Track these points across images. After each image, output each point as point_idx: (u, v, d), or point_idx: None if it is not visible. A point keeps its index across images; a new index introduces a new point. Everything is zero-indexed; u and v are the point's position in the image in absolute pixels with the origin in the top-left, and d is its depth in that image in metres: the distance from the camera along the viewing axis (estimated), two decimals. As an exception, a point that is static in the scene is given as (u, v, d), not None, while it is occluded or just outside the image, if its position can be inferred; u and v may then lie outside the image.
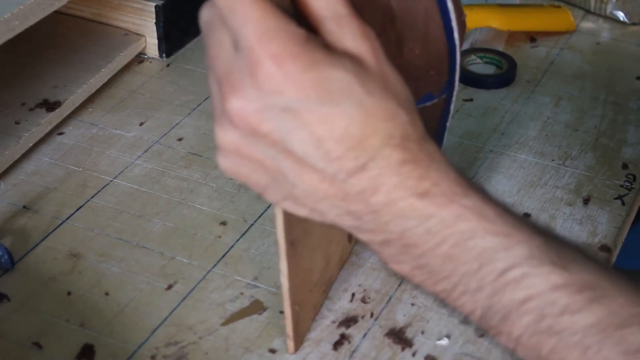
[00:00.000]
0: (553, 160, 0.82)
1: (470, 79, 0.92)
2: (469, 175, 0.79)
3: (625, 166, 0.82)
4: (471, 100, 0.90)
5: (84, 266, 0.70)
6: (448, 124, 0.68)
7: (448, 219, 0.46)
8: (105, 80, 0.89)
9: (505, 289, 0.46)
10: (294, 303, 0.61)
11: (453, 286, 0.47)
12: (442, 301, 0.49)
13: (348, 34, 0.46)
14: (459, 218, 0.46)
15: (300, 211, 0.49)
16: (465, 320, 0.49)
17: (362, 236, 0.49)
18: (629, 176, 0.81)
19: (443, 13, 0.61)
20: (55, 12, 0.79)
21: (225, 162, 0.49)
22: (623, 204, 0.77)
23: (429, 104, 0.64)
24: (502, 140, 0.85)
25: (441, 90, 0.64)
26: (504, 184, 0.79)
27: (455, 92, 0.65)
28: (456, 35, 0.62)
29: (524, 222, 0.47)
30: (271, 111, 0.45)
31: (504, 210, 0.47)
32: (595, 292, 0.45)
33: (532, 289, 0.45)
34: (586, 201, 0.78)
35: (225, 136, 0.47)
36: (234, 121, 0.46)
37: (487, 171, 0.81)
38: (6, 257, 0.69)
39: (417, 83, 0.62)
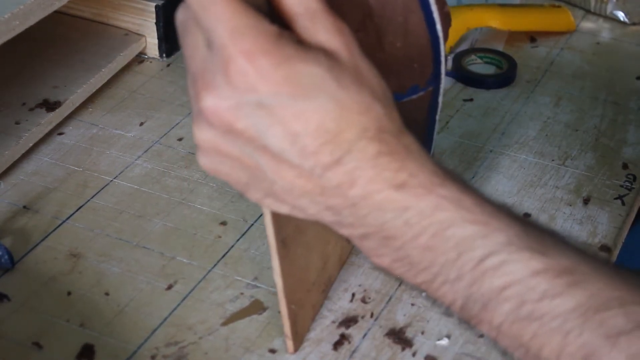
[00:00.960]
0: (553, 160, 0.82)
1: (470, 79, 0.92)
2: (468, 175, 0.79)
3: (625, 166, 0.82)
4: (471, 100, 0.90)
5: (84, 266, 0.70)
6: (437, 117, 0.68)
7: (426, 209, 0.46)
8: (106, 80, 0.89)
9: (484, 277, 0.46)
10: (290, 302, 0.61)
11: (433, 277, 0.48)
12: (424, 292, 0.49)
13: (321, 29, 0.46)
14: (436, 208, 0.46)
15: (282, 208, 0.50)
16: (448, 312, 0.49)
17: (343, 231, 0.49)
18: (629, 176, 0.81)
19: (423, 6, 0.61)
20: (56, 12, 0.79)
21: (205, 161, 0.49)
22: (623, 204, 0.77)
23: (414, 96, 0.64)
24: (502, 140, 0.85)
25: (427, 82, 0.64)
26: (504, 184, 0.79)
27: (442, 85, 0.65)
28: (439, 27, 0.62)
29: (502, 210, 0.47)
30: (245, 108, 0.45)
31: (482, 199, 0.47)
32: (575, 276, 0.45)
33: (511, 275, 0.45)
34: (586, 201, 0.78)
35: (203, 135, 0.47)
36: (209, 119, 0.46)
37: (487, 171, 0.81)
38: (6, 257, 0.69)
39: (401, 76, 0.62)
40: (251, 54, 0.44)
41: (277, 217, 0.56)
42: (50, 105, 0.83)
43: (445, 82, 0.66)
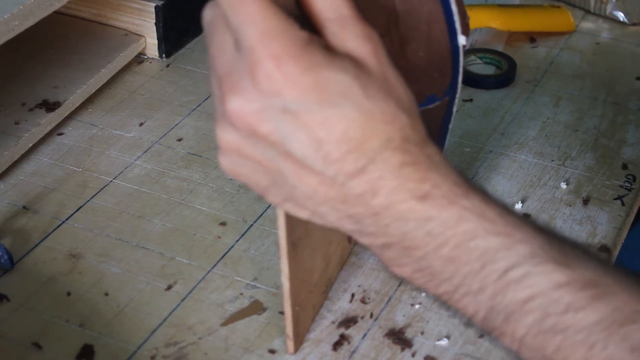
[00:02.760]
0: (553, 160, 0.82)
1: (470, 79, 0.92)
2: (468, 175, 0.79)
3: (625, 166, 0.82)
4: (471, 100, 0.90)
5: (84, 266, 0.70)
6: (450, 126, 0.68)
7: (449, 220, 0.46)
8: (105, 80, 0.89)
9: (508, 289, 0.46)
10: (294, 304, 0.61)
11: (455, 288, 0.47)
12: (444, 303, 0.49)
13: (350, 35, 0.46)
14: (460, 219, 0.46)
15: (301, 214, 0.49)
16: (469, 323, 0.49)
17: (363, 240, 0.49)
18: (628, 176, 0.81)
19: (447, 15, 0.61)
20: (55, 12, 0.79)
21: (226, 162, 0.49)
22: (623, 204, 0.77)
23: (431, 106, 0.64)
24: (502, 140, 0.85)
25: (444, 92, 0.64)
26: (504, 184, 0.79)
27: (458, 95, 0.65)
28: (460, 37, 0.62)
29: (525, 221, 0.47)
30: (271, 112, 0.45)
31: (505, 210, 0.47)
32: (598, 289, 0.45)
33: (534, 287, 0.45)
34: (586, 202, 0.78)
35: (226, 136, 0.47)
36: (233, 121, 0.46)
37: (486, 171, 0.81)
38: (6, 257, 0.69)
39: (420, 85, 0.62)
40: (279, 58, 0.43)
41: (290, 220, 0.56)
42: (50, 106, 0.83)
43: (460, 91, 0.66)
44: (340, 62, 0.45)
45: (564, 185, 0.79)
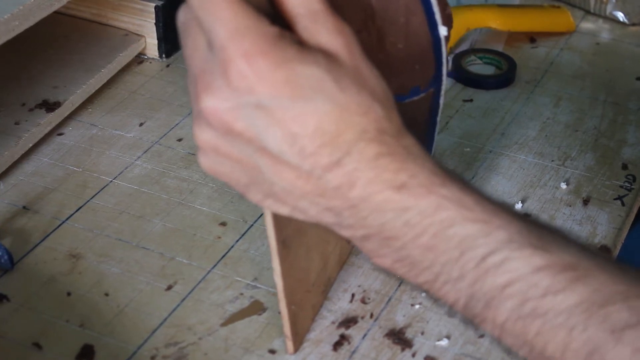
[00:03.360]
0: (553, 160, 0.82)
1: (470, 80, 0.92)
2: (468, 176, 0.79)
3: (625, 167, 0.82)
4: (471, 100, 0.90)
5: (84, 266, 0.70)
6: (438, 118, 0.68)
7: (427, 209, 0.46)
8: (105, 80, 0.89)
9: (487, 275, 0.46)
10: (290, 303, 0.61)
11: (435, 276, 0.48)
12: (426, 292, 0.49)
13: (322, 29, 0.46)
14: (437, 208, 0.46)
15: (282, 209, 0.50)
16: (451, 312, 0.49)
17: (344, 232, 0.49)
18: (628, 177, 0.81)
19: (426, 7, 0.61)
20: (55, 12, 0.79)
21: (205, 162, 0.49)
22: (623, 204, 0.77)
23: (416, 98, 0.64)
24: (502, 140, 0.85)
25: (428, 84, 0.64)
26: (504, 184, 0.79)
27: (443, 86, 0.65)
28: (440, 29, 0.62)
29: (503, 208, 0.47)
30: (244, 109, 0.45)
31: (483, 198, 0.47)
32: (577, 271, 0.45)
33: (513, 272, 0.45)
34: (586, 202, 0.78)
35: (203, 135, 0.48)
36: (209, 120, 0.46)
37: (486, 172, 0.81)
38: (6, 257, 0.69)
39: (402, 78, 0.62)
40: (250, 55, 0.44)
41: (277, 218, 0.56)
42: (50, 106, 0.83)
43: (445, 83, 0.66)
44: (312, 56, 0.45)
45: (564, 186, 0.79)
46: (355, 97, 0.45)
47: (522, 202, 0.77)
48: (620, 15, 1.04)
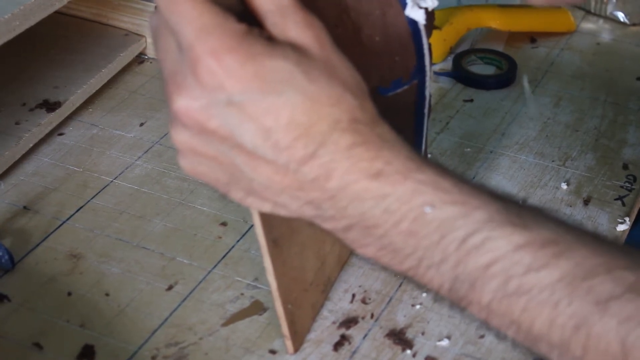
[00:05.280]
0: (553, 161, 0.82)
1: (471, 80, 0.92)
2: (469, 176, 0.79)
3: (625, 167, 0.82)
4: (471, 100, 0.90)
5: (84, 267, 0.70)
6: (426, 111, 0.67)
7: (404, 195, 0.46)
8: (106, 80, 0.89)
9: (469, 256, 0.46)
10: (285, 302, 0.61)
11: (418, 262, 0.47)
12: (410, 279, 0.49)
13: (291, 24, 0.46)
14: (415, 193, 0.46)
15: (264, 206, 0.50)
16: (437, 298, 0.49)
17: (326, 225, 0.49)
18: (629, 177, 0.81)
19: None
20: (56, 12, 0.79)
21: (185, 164, 0.50)
22: (623, 204, 0.78)
23: (399, 90, 0.64)
24: (502, 141, 0.85)
25: (410, 76, 0.64)
26: (504, 184, 0.79)
27: (428, 77, 0.65)
28: (416, 14, 0.61)
29: (481, 189, 0.47)
30: (216, 107, 0.45)
31: (460, 180, 0.47)
32: (559, 246, 0.45)
33: (494, 252, 0.45)
34: (586, 202, 0.78)
35: (179, 137, 0.48)
36: (183, 120, 0.47)
37: (487, 172, 0.81)
38: (6, 257, 0.69)
39: (382, 70, 0.62)
40: (218, 52, 0.44)
41: (266, 217, 0.56)
42: (51, 106, 0.83)
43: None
44: (280, 50, 0.45)
45: (564, 186, 0.79)
46: (326, 88, 0.46)
47: (523, 202, 0.77)
48: (620, 15, 1.04)
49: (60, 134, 0.83)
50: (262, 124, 0.45)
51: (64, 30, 0.94)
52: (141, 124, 0.85)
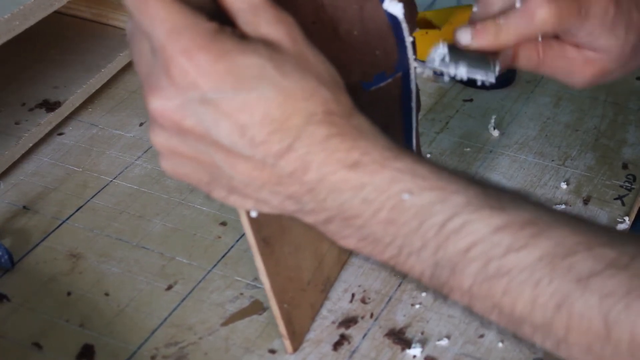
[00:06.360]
0: (553, 160, 0.82)
1: (471, 79, 0.92)
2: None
3: (625, 166, 0.82)
4: (471, 100, 0.90)
5: (84, 266, 0.70)
6: (413, 104, 0.67)
7: (382, 184, 0.46)
8: (105, 80, 0.89)
9: (448, 241, 0.46)
10: (281, 301, 0.60)
11: (399, 250, 0.48)
12: (392, 268, 0.49)
13: (263, 21, 0.46)
14: (392, 181, 0.46)
15: (247, 204, 0.50)
16: (420, 285, 0.49)
17: (307, 219, 0.49)
18: (629, 176, 0.81)
19: None
20: (55, 12, 0.79)
21: (166, 166, 0.50)
22: (623, 204, 0.78)
23: (382, 84, 0.63)
24: (502, 140, 0.85)
25: (394, 68, 0.63)
26: (504, 184, 0.79)
27: (412, 69, 0.65)
28: (392, 6, 0.61)
29: (459, 174, 0.47)
30: (191, 106, 0.45)
31: (438, 167, 0.47)
32: (538, 227, 0.45)
33: (473, 234, 0.45)
34: (586, 201, 0.78)
35: (157, 139, 0.48)
36: (159, 122, 0.47)
37: (487, 171, 0.81)
38: (6, 257, 0.69)
39: (364, 64, 0.62)
40: (189, 51, 0.44)
41: (254, 217, 0.56)
42: (50, 106, 0.83)
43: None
44: (251, 46, 0.45)
45: (564, 185, 0.79)
46: (299, 82, 0.46)
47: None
48: (620, 15, 1.04)
49: (60, 134, 0.84)
50: (237, 121, 0.45)
51: (64, 30, 0.94)
52: (141, 124, 0.85)
